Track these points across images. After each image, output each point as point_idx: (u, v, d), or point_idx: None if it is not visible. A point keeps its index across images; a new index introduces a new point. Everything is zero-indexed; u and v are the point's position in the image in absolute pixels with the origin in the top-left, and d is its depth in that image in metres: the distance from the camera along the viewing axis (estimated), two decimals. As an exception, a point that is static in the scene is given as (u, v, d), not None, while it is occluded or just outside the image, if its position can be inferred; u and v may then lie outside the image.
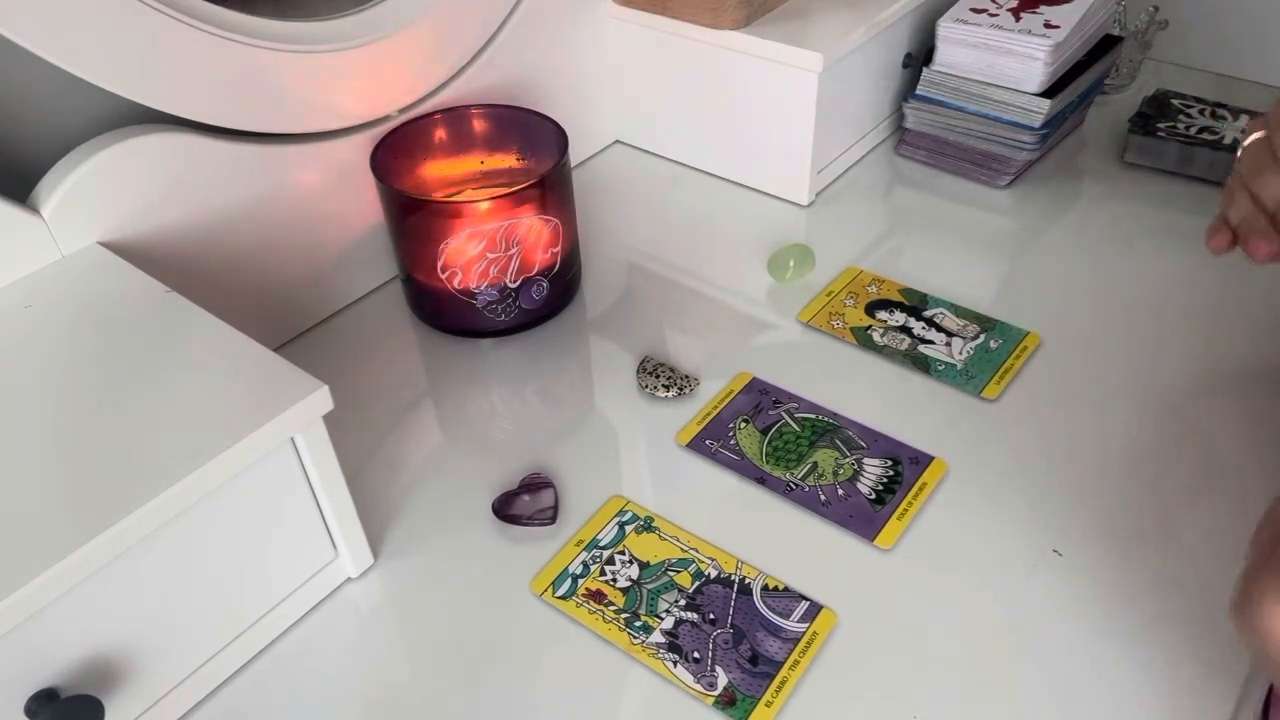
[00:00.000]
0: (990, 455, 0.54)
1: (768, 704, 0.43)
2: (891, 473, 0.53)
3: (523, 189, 0.59)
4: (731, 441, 0.56)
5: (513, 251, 0.60)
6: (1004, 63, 0.73)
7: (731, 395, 0.59)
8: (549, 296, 0.63)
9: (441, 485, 0.55)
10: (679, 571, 0.49)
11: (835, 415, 0.57)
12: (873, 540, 0.50)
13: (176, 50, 0.51)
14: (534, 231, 0.60)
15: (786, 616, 0.47)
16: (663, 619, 0.47)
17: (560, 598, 0.48)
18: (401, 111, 0.65)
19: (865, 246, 0.72)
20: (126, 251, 0.52)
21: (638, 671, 0.45)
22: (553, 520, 0.52)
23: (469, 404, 0.61)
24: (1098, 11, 0.76)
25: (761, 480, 0.54)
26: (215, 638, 0.45)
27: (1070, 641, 0.45)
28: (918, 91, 0.78)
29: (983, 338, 0.62)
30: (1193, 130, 0.76)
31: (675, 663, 0.45)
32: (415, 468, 0.56)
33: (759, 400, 0.58)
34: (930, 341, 0.62)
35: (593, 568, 0.49)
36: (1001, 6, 0.76)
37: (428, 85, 0.66)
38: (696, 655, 0.45)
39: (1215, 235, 0.48)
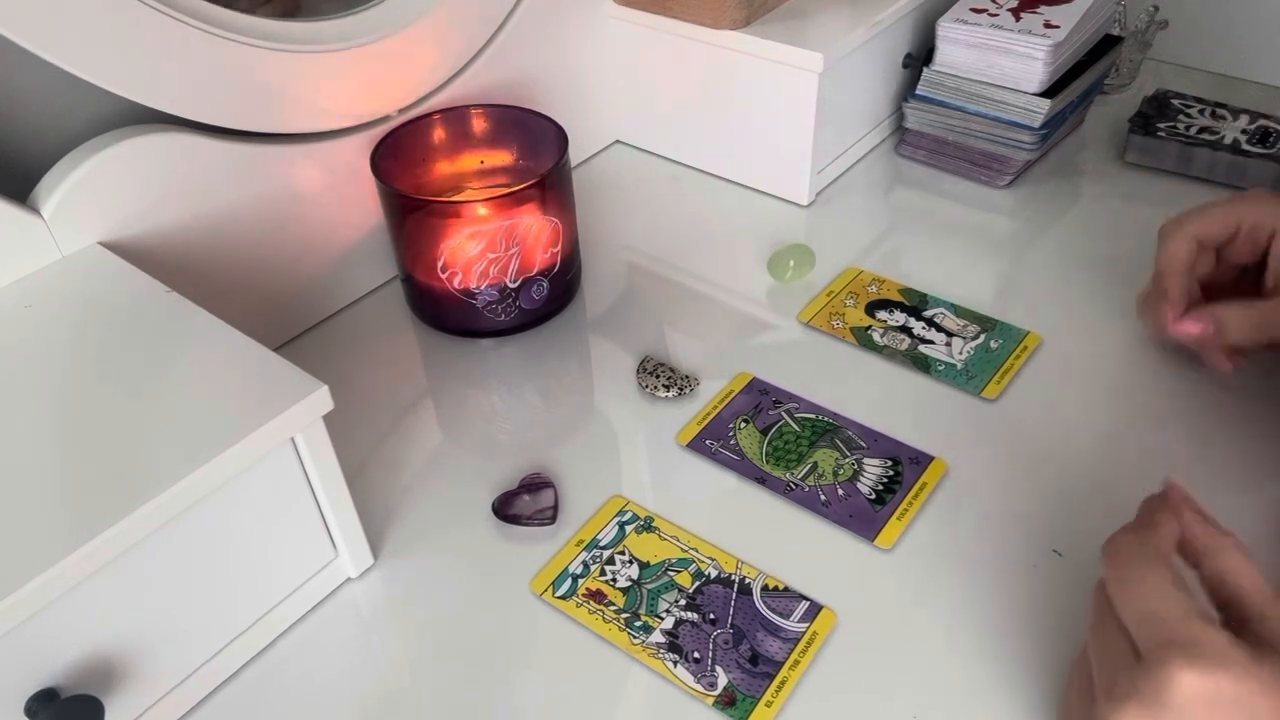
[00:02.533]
0: (990, 455, 0.54)
1: (768, 704, 0.43)
2: (891, 473, 0.53)
3: (523, 189, 0.59)
4: (731, 441, 0.56)
5: (513, 251, 0.60)
6: (1004, 63, 0.73)
7: (731, 395, 0.59)
8: (549, 296, 0.64)
9: (441, 485, 0.55)
10: (679, 571, 0.49)
11: (835, 415, 0.57)
12: (873, 540, 0.50)
13: (176, 50, 0.51)
14: (534, 231, 0.60)
15: (786, 616, 0.47)
16: (663, 619, 0.47)
17: (560, 598, 0.48)
18: (401, 111, 0.65)
19: (865, 246, 0.72)
20: (126, 251, 0.52)
21: (638, 671, 0.45)
22: (553, 520, 0.52)
23: (469, 404, 0.61)
24: (1098, 11, 0.76)
25: (761, 480, 0.54)
26: (215, 637, 0.45)
27: (1070, 642, 0.45)
28: (918, 91, 0.78)
29: (983, 338, 0.62)
30: (1193, 130, 0.76)
31: (675, 663, 0.45)
32: (415, 468, 0.56)
33: (759, 400, 0.58)
34: (930, 341, 0.62)
35: (593, 568, 0.49)
36: (1001, 6, 0.76)
37: (428, 85, 0.66)
38: (696, 655, 0.45)
39: None
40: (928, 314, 0.64)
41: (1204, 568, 0.38)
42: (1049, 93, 0.73)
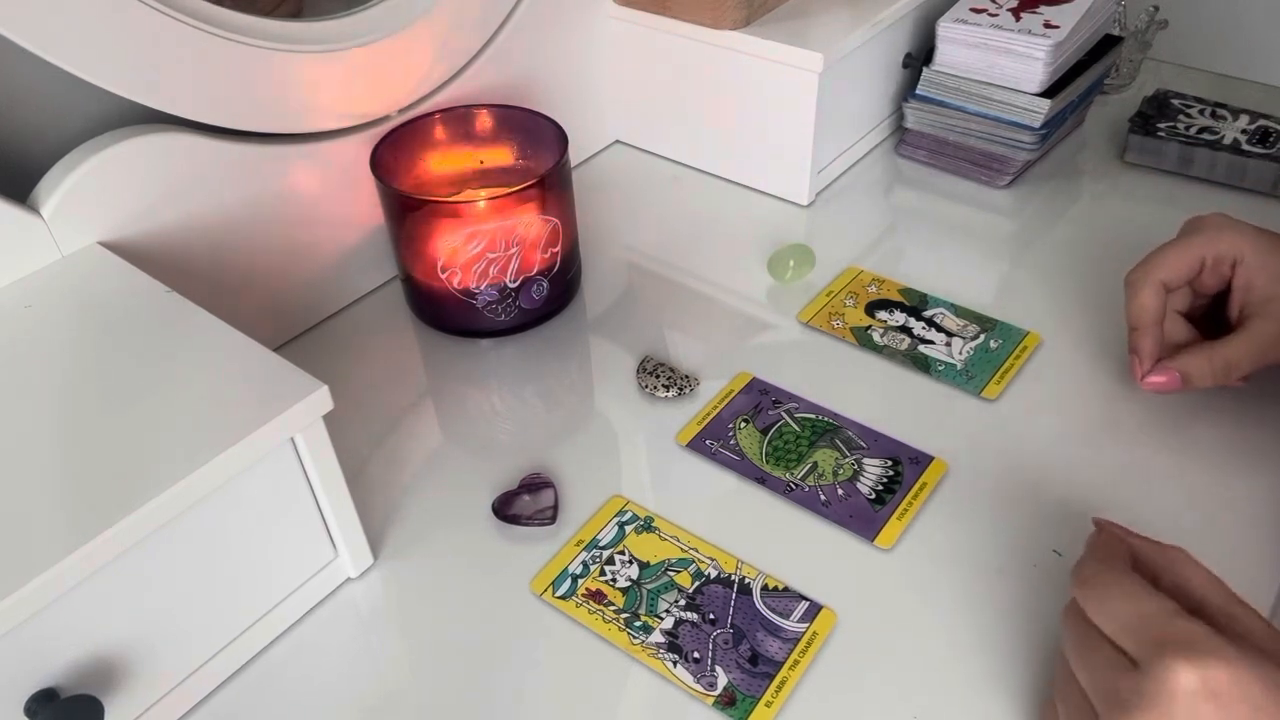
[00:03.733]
0: (990, 455, 0.54)
1: (768, 704, 0.43)
2: (891, 473, 0.53)
3: (523, 189, 0.59)
4: (731, 441, 0.56)
5: (513, 251, 0.60)
6: (1004, 63, 0.73)
7: (731, 395, 0.59)
8: (549, 296, 0.63)
9: (441, 485, 0.55)
10: (679, 571, 0.49)
11: (835, 415, 0.57)
12: (873, 540, 0.50)
13: (176, 50, 0.51)
14: (534, 231, 0.60)
15: (786, 616, 0.47)
16: (663, 619, 0.47)
17: (560, 598, 0.48)
18: (401, 111, 0.65)
19: (865, 246, 0.72)
20: (126, 251, 0.52)
21: (638, 671, 0.45)
22: (553, 520, 0.52)
23: (469, 404, 0.61)
24: (1098, 11, 0.76)
25: (761, 480, 0.54)
26: (215, 638, 0.45)
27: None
28: (918, 91, 0.78)
29: (983, 338, 0.62)
30: (1193, 130, 0.76)
31: (675, 663, 0.45)
32: (415, 468, 0.56)
33: (759, 400, 0.58)
34: (930, 341, 0.62)
35: (592, 568, 0.49)
36: (1001, 6, 0.76)
37: (428, 85, 0.66)
38: (696, 655, 0.45)
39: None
40: (928, 314, 0.64)
41: (1163, 581, 0.38)
42: (1049, 93, 0.73)
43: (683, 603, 0.48)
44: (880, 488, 0.53)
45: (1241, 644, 0.34)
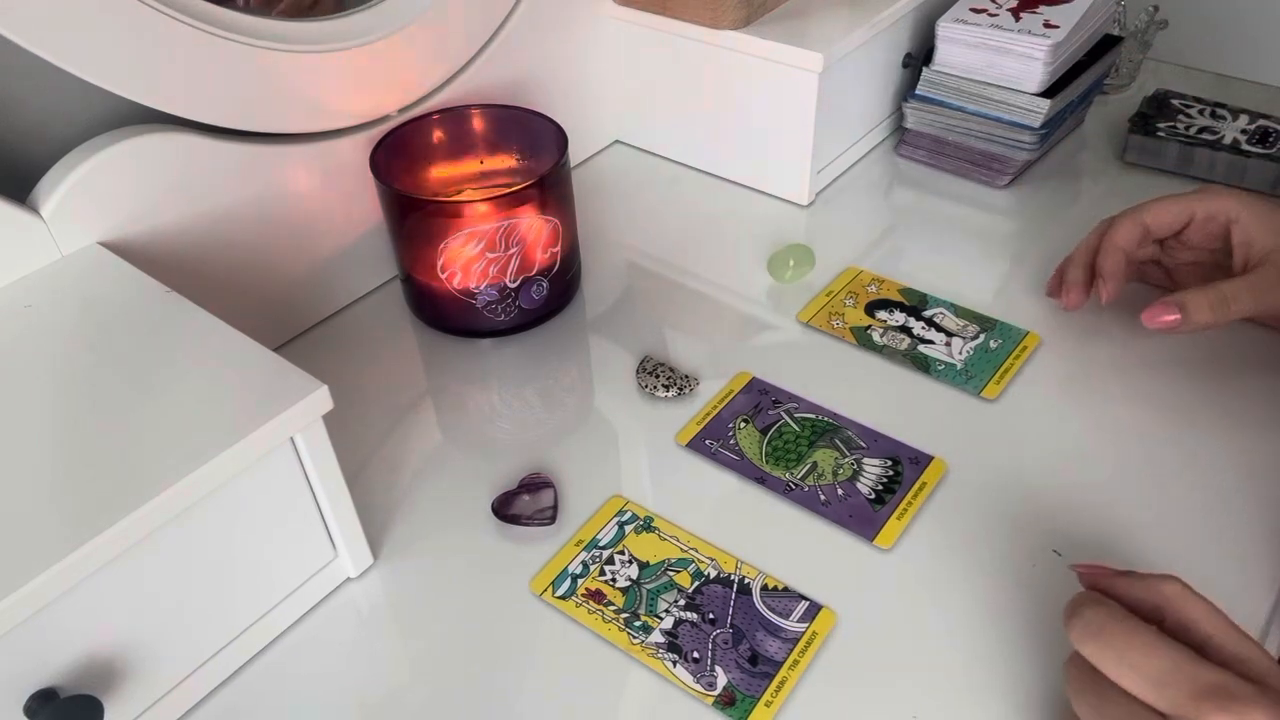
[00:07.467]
0: (990, 455, 0.54)
1: (767, 704, 0.43)
2: (891, 473, 0.53)
3: (522, 189, 0.59)
4: (731, 441, 0.56)
5: (513, 251, 0.60)
6: (1004, 62, 0.73)
7: (731, 395, 0.59)
8: (549, 296, 0.64)
9: (441, 485, 0.55)
10: (678, 571, 0.49)
11: (835, 415, 0.57)
12: (873, 540, 0.50)
13: (176, 50, 0.51)
14: (534, 231, 0.60)
15: (786, 616, 0.47)
16: (662, 619, 0.47)
17: (560, 598, 0.48)
18: (401, 111, 0.65)
19: (865, 246, 0.72)
20: (126, 251, 0.52)
21: (637, 671, 0.45)
22: (552, 520, 0.52)
23: (469, 404, 0.61)
24: (1098, 11, 0.76)
25: (761, 480, 0.54)
26: (215, 637, 0.45)
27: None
28: (918, 91, 0.78)
29: (983, 338, 0.62)
30: (1193, 130, 0.76)
31: (675, 663, 0.45)
32: (415, 468, 0.56)
33: (759, 400, 0.58)
34: (930, 341, 0.62)
35: (592, 568, 0.49)
36: (1001, 6, 0.76)
37: (428, 85, 0.66)
38: (696, 655, 0.45)
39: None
40: (927, 314, 0.64)
41: (1167, 621, 0.37)
42: (1049, 93, 0.73)
43: (682, 603, 0.48)
44: (880, 487, 0.53)
45: (1266, 690, 0.33)
